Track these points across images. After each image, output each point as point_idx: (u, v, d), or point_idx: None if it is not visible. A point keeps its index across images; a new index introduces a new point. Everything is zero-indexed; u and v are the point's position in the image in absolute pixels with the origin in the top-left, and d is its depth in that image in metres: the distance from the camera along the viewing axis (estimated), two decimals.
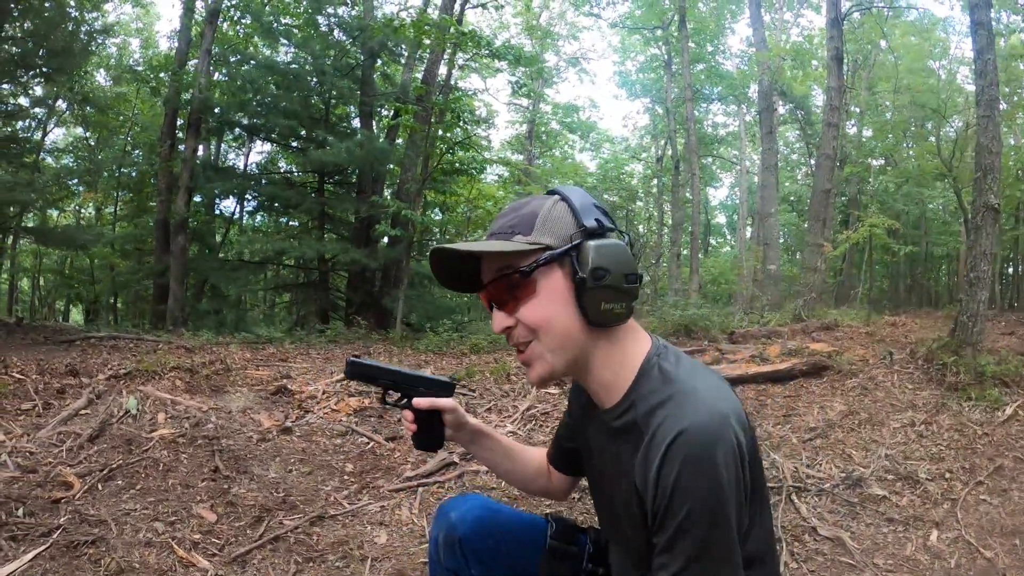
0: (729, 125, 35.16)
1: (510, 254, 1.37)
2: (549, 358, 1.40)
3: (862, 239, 16.16)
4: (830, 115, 14.20)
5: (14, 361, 7.42)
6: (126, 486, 3.90)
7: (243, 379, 7.03)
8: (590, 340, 1.40)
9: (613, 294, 1.33)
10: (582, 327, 1.38)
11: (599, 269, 1.32)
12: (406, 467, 4.50)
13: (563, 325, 1.37)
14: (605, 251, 1.33)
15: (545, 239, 1.37)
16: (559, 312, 1.37)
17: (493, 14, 25.93)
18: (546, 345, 1.39)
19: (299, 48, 16.99)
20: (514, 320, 1.41)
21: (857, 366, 7.27)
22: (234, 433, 4.92)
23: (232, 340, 12.00)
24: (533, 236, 1.37)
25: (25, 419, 4.97)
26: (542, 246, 1.36)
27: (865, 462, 4.62)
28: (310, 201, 16.70)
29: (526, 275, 1.36)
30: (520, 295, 1.38)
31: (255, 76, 16.61)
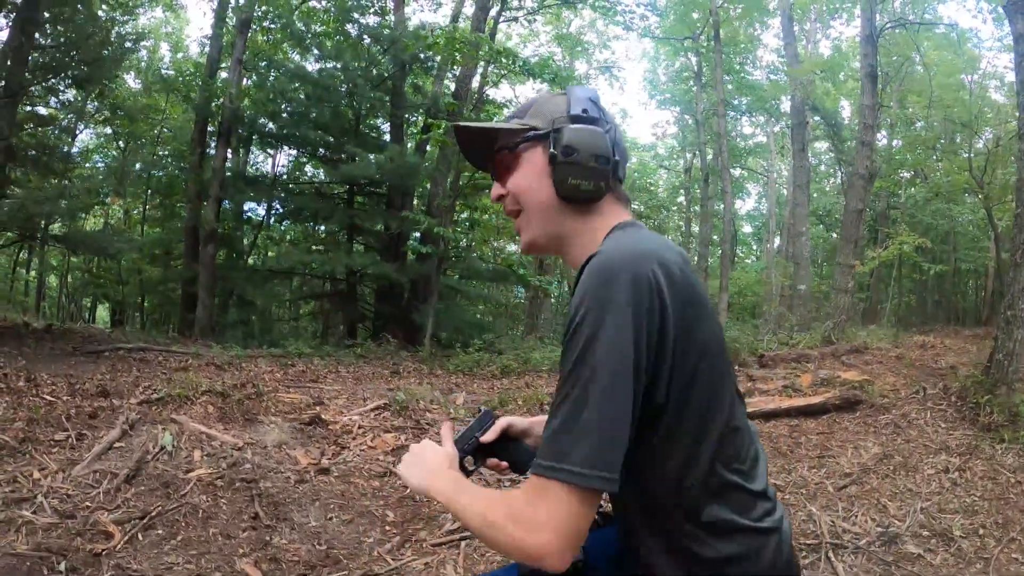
0: (757, 135, 34.96)
1: (505, 132, 1.54)
2: (532, 228, 1.53)
3: (891, 257, 16.00)
4: (864, 133, 13.99)
5: (44, 378, 7.42)
6: (167, 536, 3.83)
7: (275, 405, 6.98)
8: (567, 217, 1.50)
9: (580, 171, 1.43)
10: (557, 202, 1.48)
11: (569, 147, 1.43)
12: (447, 515, 4.41)
13: (539, 198, 1.49)
14: (579, 133, 1.44)
15: (533, 121, 1.51)
16: (537, 185, 1.49)
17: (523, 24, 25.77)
18: (530, 216, 1.53)
19: (330, 58, 16.97)
20: (505, 190, 1.55)
21: (889, 399, 7.20)
22: (271, 473, 4.85)
23: (260, 354, 11.98)
24: (525, 119, 1.52)
25: (59, 452, 4.93)
26: (528, 127, 1.50)
27: (900, 514, 4.51)
28: (340, 213, 16.67)
29: (511, 150, 1.52)
30: (510, 168, 1.54)
31: (285, 85, 16.64)
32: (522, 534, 1.21)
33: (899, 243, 15.00)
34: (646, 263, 1.27)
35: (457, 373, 11.00)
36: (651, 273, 1.25)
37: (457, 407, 7.56)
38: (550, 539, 1.19)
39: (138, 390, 7.22)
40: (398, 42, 15.59)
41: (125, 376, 8.49)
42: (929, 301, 26.14)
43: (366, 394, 8.22)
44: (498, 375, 10.91)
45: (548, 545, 1.19)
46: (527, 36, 31.40)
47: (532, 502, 1.22)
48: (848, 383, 8.07)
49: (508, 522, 1.24)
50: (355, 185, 16.76)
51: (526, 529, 1.21)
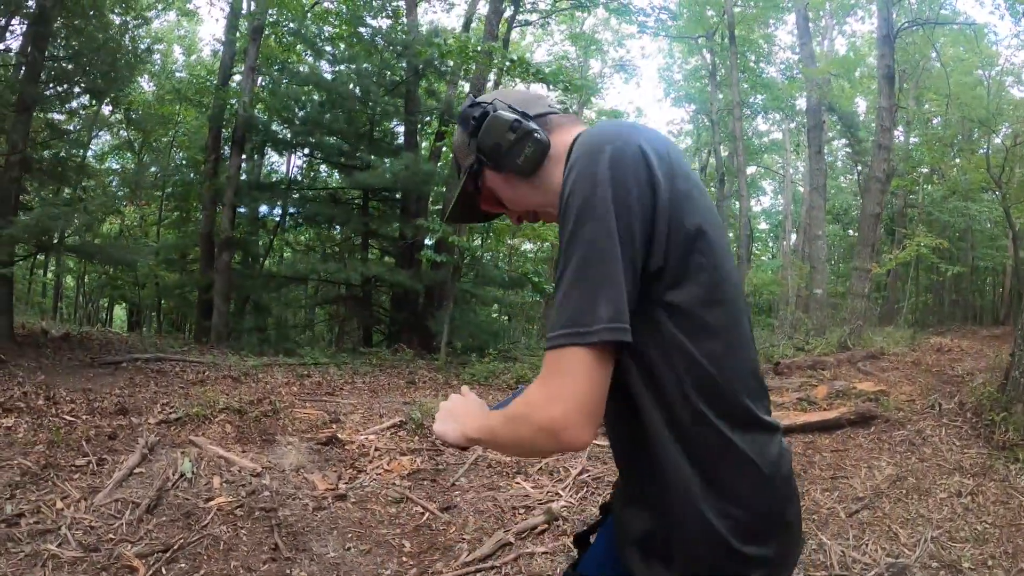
0: (773, 132, 34.81)
1: (468, 187, 1.64)
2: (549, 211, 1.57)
3: (909, 258, 15.93)
4: (881, 136, 13.84)
5: (63, 395, 7.52)
6: (189, 569, 3.89)
7: (292, 423, 7.05)
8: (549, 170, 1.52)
9: (516, 148, 1.49)
10: (531, 180, 1.54)
11: (491, 150, 1.51)
12: (463, 545, 4.45)
13: (521, 192, 1.57)
14: (484, 137, 1.51)
15: (465, 162, 1.62)
16: (511, 189, 1.57)
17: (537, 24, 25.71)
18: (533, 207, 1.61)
19: (343, 62, 17.00)
20: (510, 211, 1.66)
21: (905, 412, 7.20)
22: (289, 499, 4.91)
23: (276, 362, 12.06)
24: (461, 168, 1.65)
25: (80, 478, 5.00)
26: (467, 168, 1.61)
27: (911, 543, 4.50)
28: (355, 219, 16.71)
29: (479, 191, 1.64)
30: (495, 199, 1.65)
31: (298, 90, 16.69)
32: (538, 414, 1.21)
33: (916, 244, 14.93)
34: (630, 138, 1.30)
35: (473, 384, 11.03)
36: (636, 147, 1.29)
37: None
38: (566, 408, 1.18)
39: (156, 407, 7.31)
40: (411, 47, 15.61)
41: (143, 391, 8.57)
42: (946, 300, 26.03)
43: (382, 409, 8.27)
44: (513, 385, 10.93)
45: (565, 416, 1.18)
46: (541, 35, 31.38)
47: (544, 380, 1.23)
48: (864, 395, 8.07)
49: (524, 408, 1.26)
50: (370, 191, 16.78)
51: (542, 406, 1.21)
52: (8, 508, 4.35)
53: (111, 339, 14.84)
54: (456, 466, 5.90)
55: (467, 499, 5.25)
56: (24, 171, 11.70)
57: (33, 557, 3.82)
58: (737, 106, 21.56)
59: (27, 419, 6.33)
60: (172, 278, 21.83)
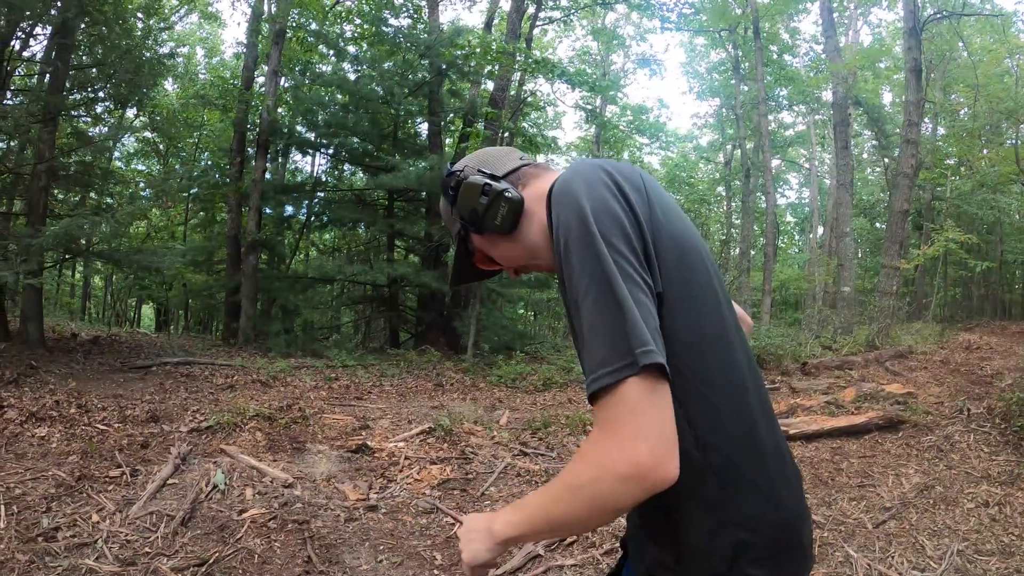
0: (798, 124, 34.51)
1: (461, 250, 1.72)
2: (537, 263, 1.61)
3: (937, 254, 15.77)
4: (908, 131, 13.66)
5: (94, 402, 7.59)
6: None
7: (322, 430, 7.10)
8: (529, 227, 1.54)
9: (492, 210, 1.53)
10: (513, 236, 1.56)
11: (468, 215, 1.57)
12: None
13: (506, 249, 1.60)
14: (460, 203, 1.58)
15: (454, 228, 1.70)
16: (497, 248, 1.62)
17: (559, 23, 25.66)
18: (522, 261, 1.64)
19: (366, 64, 17.05)
20: (504, 267, 1.71)
21: (933, 417, 7.15)
22: (321, 510, 4.94)
23: (303, 364, 12.14)
24: (452, 231, 1.71)
25: (115, 490, 5.05)
26: (457, 234, 1.68)
27: (937, 555, 4.45)
28: (381, 221, 16.75)
29: (472, 254, 1.71)
30: (487, 259, 1.71)
31: (321, 93, 16.77)
32: (618, 464, 1.09)
33: (944, 239, 14.78)
34: (593, 170, 1.34)
35: (500, 386, 11.07)
36: (601, 172, 1.33)
37: (501, 428, 7.61)
38: (649, 445, 1.09)
39: (187, 415, 7.38)
40: (434, 47, 15.63)
41: (173, 397, 8.66)
42: (975, 295, 25.76)
43: (411, 414, 8.31)
44: (540, 388, 10.96)
45: (651, 453, 1.08)
46: (563, 31, 31.28)
47: (603, 430, 1.14)
48: (892, 397, 8.02)
49: (594, 467, 1.14)
50: (395, 191, 16.82)
51: (619, 454, 1.09)
52: (45, 521, 4.41)
53: (140, 341, 14.99)
54: (485, 475, 5.91)
55: (497, 509, 5.25)
56: (51, 179, 11.84)
57: (71, 571, 3.86)
58: (762, 102, 21.38)
59: (60, 428, 6.40)
60: (199, 279, 22.00)
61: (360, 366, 12.44)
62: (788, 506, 1.34)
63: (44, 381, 8.70)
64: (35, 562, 3.91)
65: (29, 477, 5.12)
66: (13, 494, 4.78)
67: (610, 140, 33.09)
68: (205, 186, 22.34)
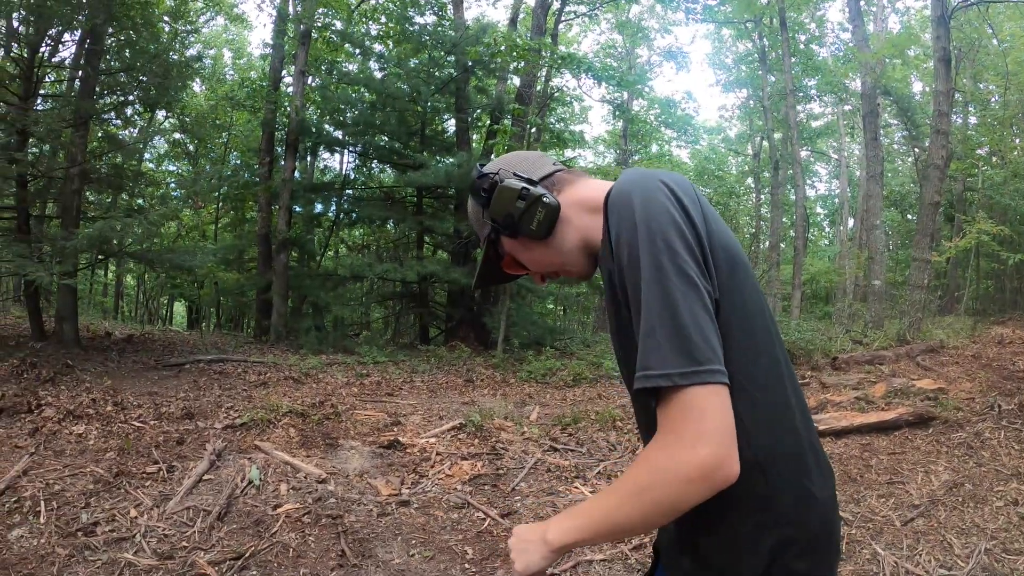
0: (827, 114, 34.18)
1: (490, 253, 1.71)
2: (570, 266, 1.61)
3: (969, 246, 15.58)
4: (938, 121, 13.43)
5: (130, 400, 7.72)
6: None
7: (354, 426, 7.16)
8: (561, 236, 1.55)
9: (528, 215, 1.52)
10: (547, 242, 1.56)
11: (502, 219, 1.55)
12: None
13: (538, 254, 1.59)
14: (494, 206, 1.56)
15: (483, 232, 1.67)
16: (529, 252, 1.60)
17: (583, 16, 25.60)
18: (561, 266, 1.62)
19: (392, 62, 17.12)
20: (532, 272, 1.70)
21: (963, 414, 7.07)
22: (354, 506, 5.00)
23: (335, 361, 12.24)
24: (481, 234, 1.68)
25: (152, 486, 5.13)
26: (487, 237, 1.65)
27: (964, 554, 4.40)
28: (410, 218, 16.82)
29: (501, 257, 1.70)
30: (516, 263, 1.69)
31: (348, 92, 16.86)
32: (683, 466, 1.13)
33: (976, 232, 14.60)
34: (651, 179, 1.35)
35: (530, 382, 11.10)
36: (658, 182, 1.34)
37: (531, 424, 7.65)
38: (714, 446, 1.12)
39: (221, 412, 7.48)
40: (460, 45, 15.67)
41: (207, 394, 8.78)
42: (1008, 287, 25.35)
43: (442, 410, 8.37)
44: (570, 383, 10.97)
45: (716, 454, 1.12)
46: (588, 25, 31.20)
47: (666, 434, 1.17)
48: (922, 393, 7.96)
49: (659, 471, 1.17)
50: (423, 188, 16.88)
51: (685, 456, 1.13)
52: (84, 517, 4.49)
53: (172, 339, 15.17)
54: (516, 471, 5.94)
55: (527, 504, 5.29)
56: (84, 182, 12.01)
57: (111, 565, 3.93)
58: (790, 93, 21.21)
59: (97, 426, 6.51)
60: (230, 278, 22.20)
61: (391, 362, 12.52)
62: (826, 499, 1.36)
63: (80, 379, 8.84)
64: (75, 556, 4.00)
65: (68, 474, 5.22)
66: (52, 490, 4.88)
67: (637, 134, 32.91)
68: (235, 186, 22.55)
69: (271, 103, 17.77)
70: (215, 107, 23.94)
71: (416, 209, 17.49)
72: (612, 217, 1.32)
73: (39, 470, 5.27)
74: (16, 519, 4.43)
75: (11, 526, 4.33)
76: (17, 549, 4.04)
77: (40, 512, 4.53)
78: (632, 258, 1.25)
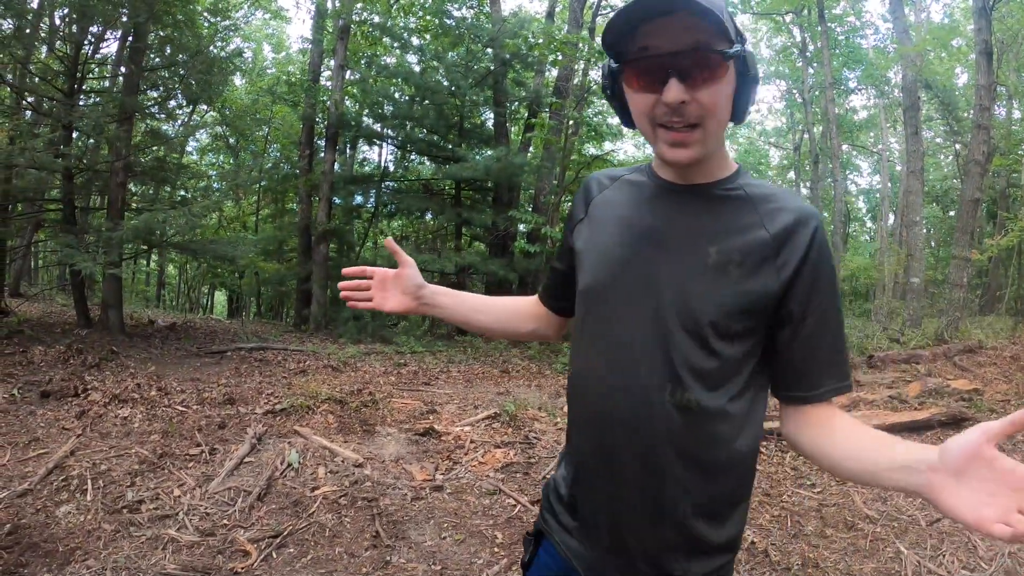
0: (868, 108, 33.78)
1: (714, 30, 1.30)
2: (707, 143, 1.40)
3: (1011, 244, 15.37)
4: (980, 116, 13.24)
5: (173, 386, 7.91)
6: (298, 554, 4.10)
7: (391, 414, 7.28)
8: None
9: (753, 96, 1.42)
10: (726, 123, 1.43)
11: (756, 75, 1.39)
12: None
13: (724, 118, 1.39)
14: (752, 61, 1.37)
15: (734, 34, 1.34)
16: (726, 105, 1.38)
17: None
18: (708, 131, 1.38)
19: (430, 56, 17.23)
20: (690, 96, 1.33)
21: (997, 415, 6.99)
22: (389, 489, 5.11)
23: (373, 350, 12.40)
24: (730, 30, 1.31)
25: (194, 467, 5.29)
26: (741, 45, 1.34)
27: (988, 556, 4.38)
28: (449, 210, 16.94)
29: (726, 58, 1.32)
30: (709, 76, 1.33)
31: (387, 86, 17.00)
32: None
33: (1020, 229, 14.40)
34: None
35: (565, 374, 11.12)
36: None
37: (564, 414, 7.72)
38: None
39: (261, 398, 7.64)
40: (498, 38, 15.74)
41: (248, 380, 8.95)
42: None
43: (477, 400, 8.47)
44: None
45: None
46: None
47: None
48: (957, 393, 7.92)
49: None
50: (462, 182, 16.98)
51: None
52: (129, 495, 4.66)
53: (214, 328, 15.44)
54: (548, 460, 6.03)
55: None
56: (128, 175, 12.27)
57: (154, 541, 4.08)
58: (830, 87, 20.99)
59: (142, 409, 6.70)
60: (271, 268, 22.47)
61: (428, 352, 12.66)
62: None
63: (125, 365, 9.07)
64: (120, 531, 4.16)
65: (114, 455, 5.40)
66: (99, 470, 5.06)
67: None
68: (275, 178, 22.81)
69: (311, 97, 17.96)
70: (256, 101, 24.20)
71: (454, 201, 17.61)
72: (819, 237, 1.42)
73: (85, 451, 5.45)
74: (64, 496, 4.61)
75: (59, 503, 4.50)
76: (65, 524, 4.21)
77: (87, 490, 4.70)
78: (831, 282, 1.45)
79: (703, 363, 1.39)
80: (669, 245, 1.46)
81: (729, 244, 1.41)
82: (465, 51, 16.59)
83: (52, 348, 9.21)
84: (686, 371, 1.39)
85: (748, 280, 1.39)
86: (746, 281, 1.38)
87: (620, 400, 1.44)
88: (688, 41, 1.30)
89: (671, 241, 1.47)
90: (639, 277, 1.48)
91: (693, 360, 1.40)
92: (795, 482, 5.62)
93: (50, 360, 8.71)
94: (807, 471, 5.86)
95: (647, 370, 1.42)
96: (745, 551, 4.36)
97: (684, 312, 1.40)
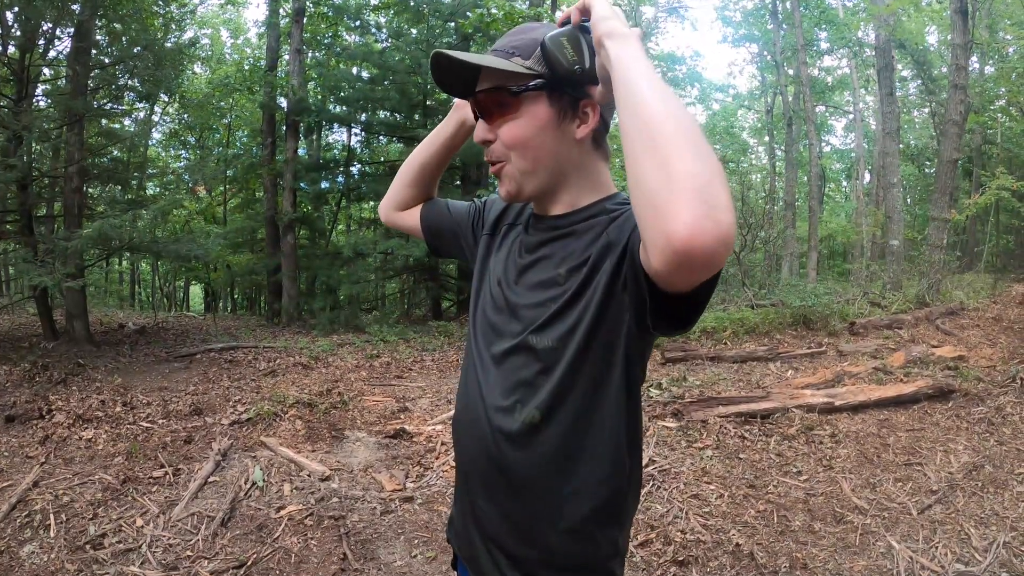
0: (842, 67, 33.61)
1: (504, 73, 1.38)
2: (518, 178, 1.46)
3: (988, 203, 15.40)
4: (956, 75, 13.19)
5: (139, 398, 7.80)
6: None
7: (361, 415, 7.20)
8: (569, 166, 1.46)
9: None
10: (559, 153, 1.43)
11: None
12: None
13: (545, 151, 1.42)
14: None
15: (538, 66, 1.37)
16: (537, 137, 1.40)
17: None
18: (517, 166, 1.45)
19: (390, 35, 16.99)
20: (494, 135, 1.45)
21: (984, 385, 7.03)
22: (358, 503, 5.02)
23: (345, 341, 12.30)
24: (530, 62, 1.38)
25: (158, 491, 5.18)
26: (535, 72, 1.37)
27: (982, 546, 4.35)
28: None
29: (514, 95, 1.39)
30: (504, 113, 1.42)
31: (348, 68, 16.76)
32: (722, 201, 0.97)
33: (996, 188, 14.40)
34: None
35: None
36: None
37: None
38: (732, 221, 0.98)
39: (229, 406, 7.55)
40: (458, 12, 15.50)
41: (216, 386, 8.85)
42: None
43: (451, 392, 8.39)
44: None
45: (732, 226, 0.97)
46: None
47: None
48: (942, 362, 7.92)
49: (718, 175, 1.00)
50: None
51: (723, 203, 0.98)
52: (92, 529, 4.54)
53: (186, 327, 15.29)
54: None
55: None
56: (84, 179, 12.00)
57: None
58: (802, 49, 20.86)
59: (106, 428, 6.58)
60: (242, 260, 22.25)
61: (401, 340, 12.57)
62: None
63: (91, 379, 8.93)
64: (83, 571, 4.05)
65: (77, 483, 5.28)
66: (62, 502, 4.94)
67: None
68: (241, 167, 22.51)
69: (268, 84, 17.66)
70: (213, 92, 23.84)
71: None
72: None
73: (49, 480, 5.34)
74: (27, 534, 4.49)
75: (23, 542, 4.39)
76: (28, 566, 4.10)
77: (50, 525, 4.58)
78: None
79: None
80: (528, 270, 1.53)
81: (576, 266, 1.41)
82: (426, 28, 16.34)
83: (17, 366, 9.07)
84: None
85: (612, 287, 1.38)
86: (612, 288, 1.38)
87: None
88: (487, 84, 1.44)
89: (533, 266, 1.52)
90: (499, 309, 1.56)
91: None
92: (780, 470, 5.56)
93: (15, 380, 8.56)
94: (792, 456, 5.80)
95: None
96: (730, 555, 4.28)
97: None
